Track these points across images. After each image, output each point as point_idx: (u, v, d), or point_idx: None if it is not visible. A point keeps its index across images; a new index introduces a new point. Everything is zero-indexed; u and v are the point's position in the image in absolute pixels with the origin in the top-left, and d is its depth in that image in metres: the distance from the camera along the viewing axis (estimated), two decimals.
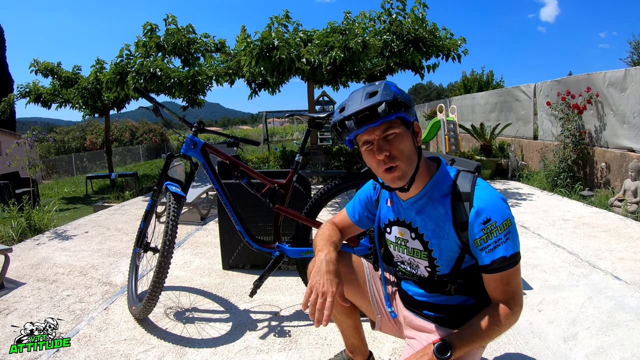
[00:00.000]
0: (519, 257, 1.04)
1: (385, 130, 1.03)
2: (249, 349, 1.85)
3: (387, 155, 1.03)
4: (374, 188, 1.34)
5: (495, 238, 1.02)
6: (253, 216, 2.71)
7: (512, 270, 1.03)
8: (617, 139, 4.93)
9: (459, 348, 1.01)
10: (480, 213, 1.03)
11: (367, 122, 1.00)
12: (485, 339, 1.03)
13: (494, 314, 1.03)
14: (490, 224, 1.02)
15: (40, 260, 3.16)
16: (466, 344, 1.02)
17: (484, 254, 1.04)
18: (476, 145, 7.75)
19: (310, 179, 6.62)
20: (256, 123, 50.78)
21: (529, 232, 3.59)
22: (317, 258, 1.17)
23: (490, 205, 1.03)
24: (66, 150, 19.84)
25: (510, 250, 1.02)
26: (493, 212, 1.03)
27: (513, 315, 1.03)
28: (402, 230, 1.19)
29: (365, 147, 1.07)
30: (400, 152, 1.04)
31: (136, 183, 7.80)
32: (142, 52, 5.26)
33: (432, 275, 1.16)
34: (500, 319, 1.02)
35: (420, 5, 5.69)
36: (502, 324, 1.02)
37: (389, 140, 1.04)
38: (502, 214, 1.03)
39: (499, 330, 1.02)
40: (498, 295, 1.05)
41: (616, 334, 1.88)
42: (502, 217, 1.03)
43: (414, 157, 1.07)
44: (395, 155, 1.04)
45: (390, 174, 1.06)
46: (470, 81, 17.72)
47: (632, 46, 18.45)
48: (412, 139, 1.07)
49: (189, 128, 2.15)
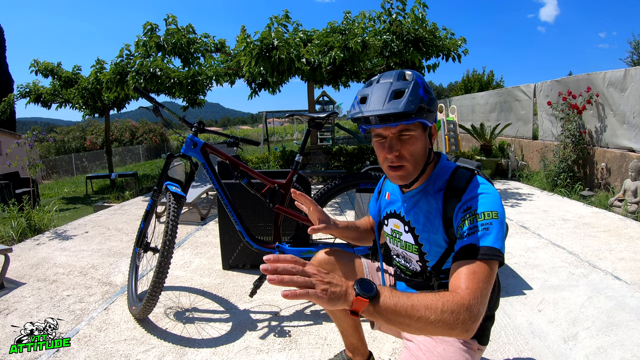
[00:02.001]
0: (495, 253, 0.91)
1: (401, 130, 1.02)
2: (249, 349, 1.85)
3: (396, 155, 1.03)
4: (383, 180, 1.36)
5: (472, 225, 0.95)
6: (253, 216, 2.71)
7: (481, 267, 0.90)
8: (617, 139, 4.93)
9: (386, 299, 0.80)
10: (463, 203, 1.01)
11: (385, 122, 0.99)
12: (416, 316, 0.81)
13: (441, 296, 0.85)
14: (469, 211, 0.98)
15: (40, 260, 3.16)
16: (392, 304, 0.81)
17: (459, 241, 0.97)
18: (476, 145, 7.75)
19: (310, 179, 6.62)
20: (256, 123, 50.79)
21: (529, 232, 3.59)
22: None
23: (476, 197, 1.00)
24: (66, 150, 19.84)
25: (485, 241, 0.92)
26: (475, 202, 0.99)
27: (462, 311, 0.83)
28: (397, 222, 1.20)
29: (378, 139, 1.07)
30: (411, 154, 1.04)
31: (136, 183, 7.79)
32: (142, 52, 5.26)
33: (424, 270, 1.16)
34: (445, 304, 0.82)
35: (420, 5, 5.69)
36: (444, 310, 0.82)
37: (403, 140, 1.03)
38: (486, 204, 0.98)
39: (438, 316, 0.81)
40: (457, 283, 0.89)
41: (616, 334, 1.88)
42: (484, 207, 0.97)
43: (423, 159, 1.07)
44: (404, 156, 1.04)
45: (394, 172, 1.06)
46: (471, 81, 17.72)
47: (632, 46, 18.45)
48: (426, 141, 1.07)
49: (189, 128, 2.15)
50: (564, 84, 5.84)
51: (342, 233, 1.34)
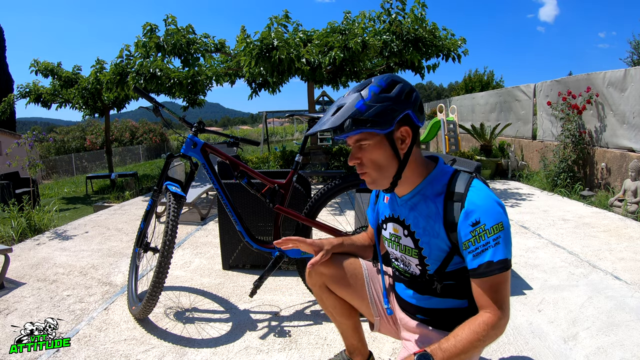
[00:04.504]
0: (508, 264, 0.99)
1: (357, 140, 1.07)
2: (249, 349, 1.85)
3: (357, 162, 1.09)
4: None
5: (484, 242, 0.99)
6: (253, 216, 2.71)
7: (500, 278, 0.99)
8: (617, 139, 4.93)
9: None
10: (469, 214, 1.01)
11: (337, 134, 1.05)
12: (468, 352, 0.97)
13: (477, 326, 0.98)
14: (479, 227, 0.99)
15: (40, 260, 3.16)
16: (448, 357, 0.96)
17: (471, 257, 1.01)
18: (476, 145, 7.75)
19: (310, 179, 6.62)
20: (256, 123, 50.78)
21: (529, 232, 3.59)
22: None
23: (482, 207, 1.00)
24: (66, 150, 19.84)
25: (498, 255, 0.98)
26: (483, 215, 1.00)
27: (498, 327, 0.98)
28: (396, 226, 1.20)
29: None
30: (370, 161, 1.07)
31: (136, 183, 7.80)
32: (142, 53, 5.26)
33: (424, 273, 1.16)
34: (484, 332, 0.97)
35: (419, 5, 5.69)
36: (486, 336, 0.97)
37: (363, 148, 1.08)
38: (494, 217, 0.99)
39: (483, 343, 0.98)
40: (484, 302, 1.01)
41: (616, 334, 1.88)
42: (492, 221, 0.99)
43: (389, 164, 1.07)
44: (364, 163, 1.09)
45: (362, 177, 1.12)
46: (472, 81, 17.73)
47: (632, 46, 18.46)
48: (390, 147, 1.05)
49: (189, 128, 2.15)
50: (563, 84, 5.84)
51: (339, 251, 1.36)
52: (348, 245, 1.38)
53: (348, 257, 1.36)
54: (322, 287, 1.35)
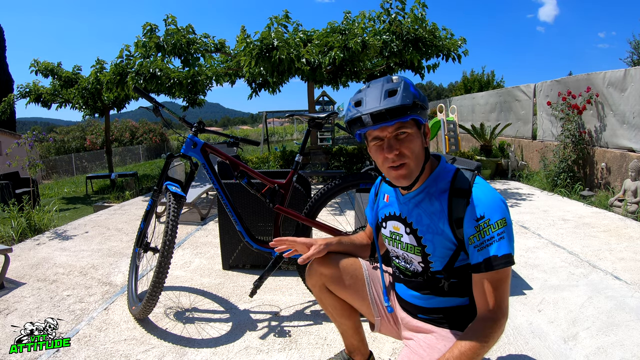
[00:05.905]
0: (512, 259, 1.01)
1: (398, 129, 1.04)
2: (249, 349, 1.85)
3: (396, 154, 1.05)
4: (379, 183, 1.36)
5: (488, 236, 1.01)
6: (253, 216, 2.71)
7: (502, 273, 1.00)
8: (617, 139, 4.93)
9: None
10: (475, 210, 1.03)
11: (382, 121, 1.02)
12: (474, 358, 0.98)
13: (479, 333, 0.99)
14: (483, 221, 1.01)
15: (40, 260, 3.16)
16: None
17: (476, 251, 1.02)
18: (476, 145, 7.75)
19: (310, 179, 6.62)
20: (256, 123, 50.79)
21: (529, 232, 3.59)
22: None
23: (486, 202, 1.03)
24: (66, 150, 19.83)
25: (502, 250, 1.00)
26: (488, 210, 1.02)
27: (499, 327, 1.00)
28: (397, 224, 1.20)
29: (375, 142, 1.08)
30: (411, 151, 1.06)
31: (136, 183, 7.79)
32: (142, 53, 5.26)
33: (426, 270, 1.16)
34: (486, 336, 0.98)
35: (419, 5, 5.69)
36: (489, 339, 0.98)
37: (400, 139, 1.05)
38: (498, 212, 1.02)
39: (487, 347, 0.99)
40: (484, 299, 1.02)
41: (616, 334, 1.88)
42: (497, 216, 1.01)
43: (422, 157, 1.09)
44: (405, 154, 1.06)
45: (396, 171, 1.07)
46: (470, 81, 17.74)
47: (632, 46, 18.46)
48: (422, 139, 1.09)
49: (189, 128, 2.15)
50: (563, 84, 5.84)
51: (337, 249, 1.35)
52: (346, 244, 1.38)
53: (348, 257, 1.35)
54: (322, 288, 1.35)
